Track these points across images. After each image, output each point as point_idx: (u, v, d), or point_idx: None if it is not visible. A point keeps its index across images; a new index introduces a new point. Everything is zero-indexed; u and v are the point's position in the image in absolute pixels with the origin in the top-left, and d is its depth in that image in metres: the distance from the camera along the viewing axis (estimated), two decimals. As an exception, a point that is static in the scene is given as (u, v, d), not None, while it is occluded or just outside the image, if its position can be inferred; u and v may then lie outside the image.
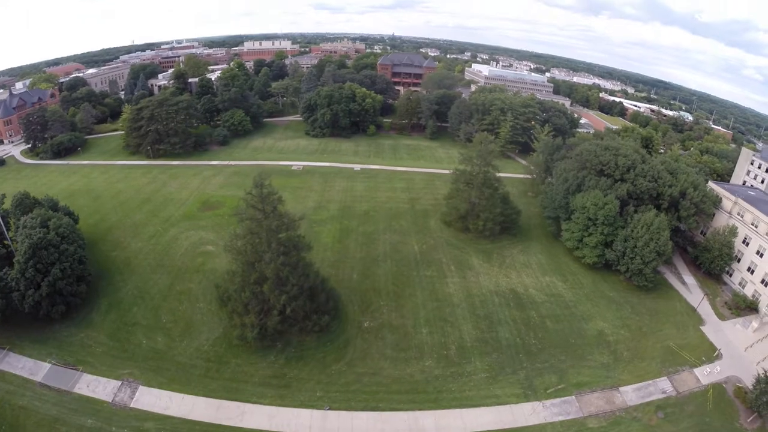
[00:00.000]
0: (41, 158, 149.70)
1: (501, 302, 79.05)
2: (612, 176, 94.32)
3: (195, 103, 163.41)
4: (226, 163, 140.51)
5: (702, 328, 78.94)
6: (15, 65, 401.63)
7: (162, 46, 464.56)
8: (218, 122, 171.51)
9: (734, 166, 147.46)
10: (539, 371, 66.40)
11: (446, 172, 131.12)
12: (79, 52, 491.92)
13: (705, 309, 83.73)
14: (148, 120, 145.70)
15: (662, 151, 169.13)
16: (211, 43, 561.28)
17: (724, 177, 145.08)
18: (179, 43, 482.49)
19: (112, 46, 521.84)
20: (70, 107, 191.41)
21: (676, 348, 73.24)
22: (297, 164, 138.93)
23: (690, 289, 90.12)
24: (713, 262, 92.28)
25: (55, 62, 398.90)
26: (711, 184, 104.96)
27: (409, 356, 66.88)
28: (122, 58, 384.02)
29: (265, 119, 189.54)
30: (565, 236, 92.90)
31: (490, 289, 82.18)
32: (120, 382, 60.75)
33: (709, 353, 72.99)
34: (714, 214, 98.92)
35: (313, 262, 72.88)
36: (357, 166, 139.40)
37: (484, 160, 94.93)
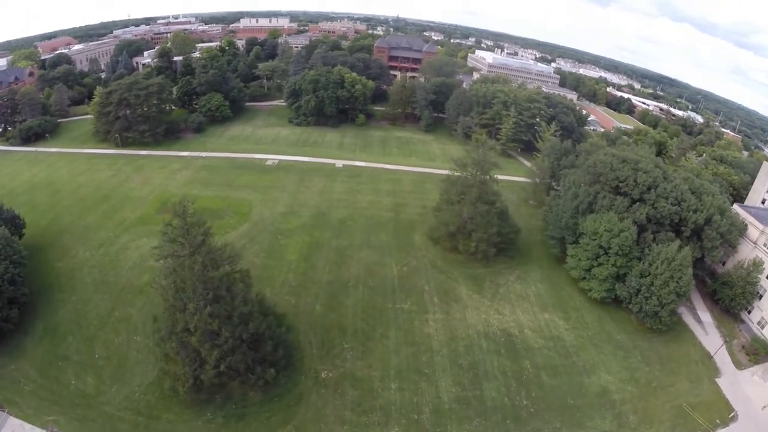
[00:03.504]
0: (11, 144, 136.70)
1: (490, 348, 66.24)
2: (629, 195, 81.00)
3: (168, 86, 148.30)
4: (196, 154, 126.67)
5: (717, 380, 68.00)
6: (12, 38, 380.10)
7: (158, 21, 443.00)
8: (196, 106, 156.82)
9: (751, 180, 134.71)
10: (530, 444, 54.36)
11: (439, 172, 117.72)
12: (77, 25, 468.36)
13: (721, 355, 72.51)
14: (117, 105, 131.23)
15: (674, 156, 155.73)
16: (211, 18, 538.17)
17: (740, 192, 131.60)
18: (176, 18, 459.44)
19: (110, 20, 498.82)
20: (46, 88, 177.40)
21: (688, 409, 62.05)
22: (273, 158, 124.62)
23: (706, 328, 78.76)
24: (734, 299, 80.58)
25: (51, 36, 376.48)
26: (736, 208, 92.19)
27: (371, 421, 54.50)
28: (115, 32, 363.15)
29: (248, 103, 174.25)
30: (571, 263, 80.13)
31: (479, 329, 69.16)
32: None
33: (724, 414, 62.20)
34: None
35: (265, 296, 60.47)
36: (339, 162, 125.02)
37: (481, 168, 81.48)
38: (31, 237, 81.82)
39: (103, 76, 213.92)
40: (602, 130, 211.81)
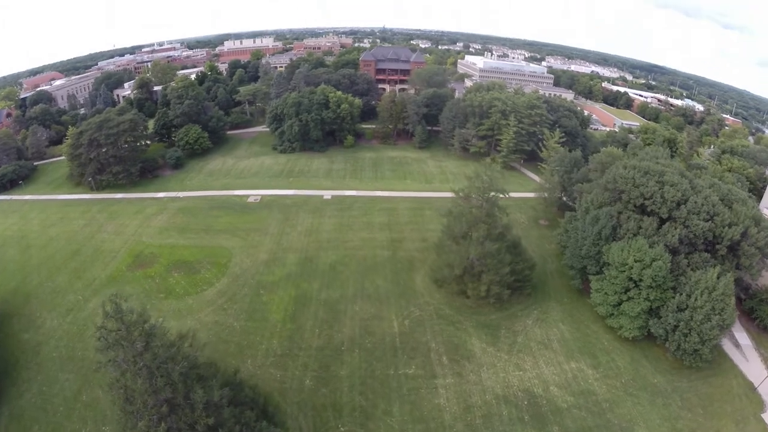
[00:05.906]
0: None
1: (512, 416, 56.14)
2: (657, 214, 71.22)
3: (142, 121, 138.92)
4: (174, 194, 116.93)
5: (763, 416, 59.46)
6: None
7: (143, 49, 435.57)
8: (174, 140, 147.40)
9: (765, 171, 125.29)
10: None
11: (438, 195, 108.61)
12: (65, 58, 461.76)
13: (766, 384, 63.66)
14: (88, 146, 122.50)
15: (684, 153, 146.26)
16: (196, 43, 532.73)
17: (756, 184, 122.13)
18: (161, 45, 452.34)
19: (98, 51, 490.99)
20: (22, 129, 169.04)
21: (735, 458, 52.49)
22: (255, 194, 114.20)
23: (745, 353, 69.86)
24: None
25: (38, 71, 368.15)
26: (766, 212, 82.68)
27: None
28: (99, 64, 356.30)
29: (229, 132, 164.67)
30: (596, 299, 70.10)
31: (497, 393, 58.95)
32: None
33: (773, 458, 53.04)
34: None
35: (243, 378, 50.62)
36: (328, 194, 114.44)
37: (487, 200, 71.29)
38: (-2, 303, 74.93)
39: (82, 112, 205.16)
40: (605, 128, 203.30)
